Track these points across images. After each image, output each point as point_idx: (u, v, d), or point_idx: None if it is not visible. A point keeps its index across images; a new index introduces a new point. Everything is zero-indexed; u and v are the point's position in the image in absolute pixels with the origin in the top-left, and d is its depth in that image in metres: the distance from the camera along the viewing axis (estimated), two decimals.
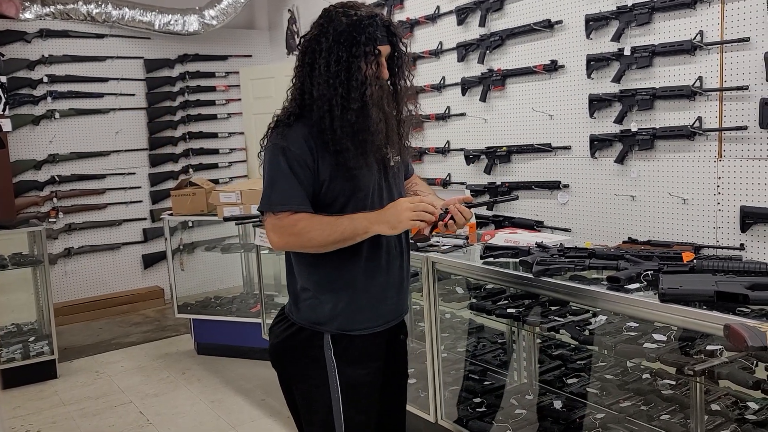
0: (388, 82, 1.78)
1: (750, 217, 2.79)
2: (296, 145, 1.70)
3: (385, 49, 1.73)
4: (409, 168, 2.10)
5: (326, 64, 1.67)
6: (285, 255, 1.91)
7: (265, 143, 1.78)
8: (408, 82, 1.83)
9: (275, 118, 1.78)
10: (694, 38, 2.92)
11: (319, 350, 1.81)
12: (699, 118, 2.95)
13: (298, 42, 1.80)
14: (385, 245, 1.83)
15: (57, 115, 5.65)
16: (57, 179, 5.67)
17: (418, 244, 2.59)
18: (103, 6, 5.53)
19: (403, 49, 1.79)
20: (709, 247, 2.94)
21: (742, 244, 2.84)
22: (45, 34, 5.59)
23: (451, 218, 1.80)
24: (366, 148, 1.71)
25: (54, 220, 5.67)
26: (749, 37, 2.73)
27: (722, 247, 2.89)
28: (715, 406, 2.33)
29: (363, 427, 1.87)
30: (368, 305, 1.83)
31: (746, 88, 2.76)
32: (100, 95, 5.85)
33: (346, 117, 1.67)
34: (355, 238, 1.71)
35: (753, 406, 2.30)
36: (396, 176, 1.90)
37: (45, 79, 5.60)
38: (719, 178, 2.92)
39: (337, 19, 1.69)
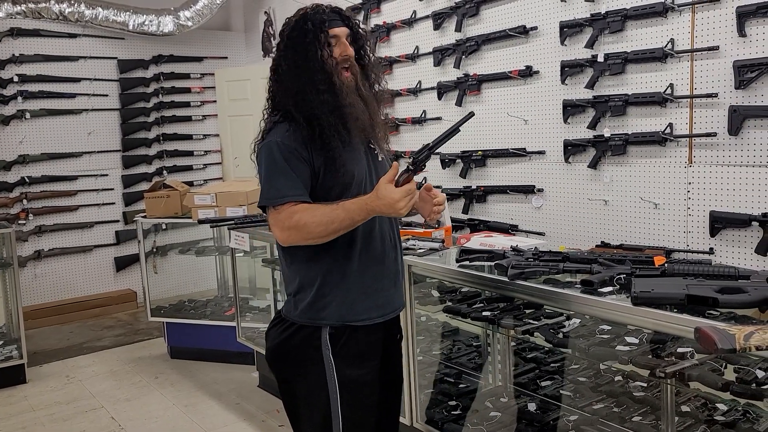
0: (358, 63, 1.85)
1: (719, 222, 2.85)
2: (288, 138, 1.75)
3: (341, 31, 1.81)
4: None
5: (286, 60, 1.79)
6: (280, 257, 1.93)
7: (258, 144, 1.83)
8: (373, 59, 1.90)
9: (265, 123, 1.84)
10: (666, 46, 2.97)
11: (317, 350, 1.82)
12: (670, 125, 3.00)
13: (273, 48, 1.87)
14: (379, 236, 1.86)
15: (28, 115, 5.56)
16: (27, 180, 5.57)
17: None
18: (75, 5, 5.45)
19: (361, 29, 1.87)
20: (679, 251, 3.00)
21: (711, 248, 2.89)
22: (16, 33, 5.50)
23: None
24: (347, 123, 1.76)
25: (24, 221, 5.57)
26: (719, 46, 2.79)
27: (692, 251, 2.95)
28: (685, 408, 2.37)
29: (362, 427, 1.88)
30: (364, 294, 1.85)
31: (716, 95, 2.81)
32: (72, 95, 5.77)
33: (319, 98, 1.74)
34: (354, 222, 1.72)
35: (722, 407, 2.33)
36: (383, 170, 1.91)
37: (15, 79, 5.51)
38: (689, 183, 2.97)
39: (290, 21, 1.82)
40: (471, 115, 1.86)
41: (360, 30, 1.87)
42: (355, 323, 1.84)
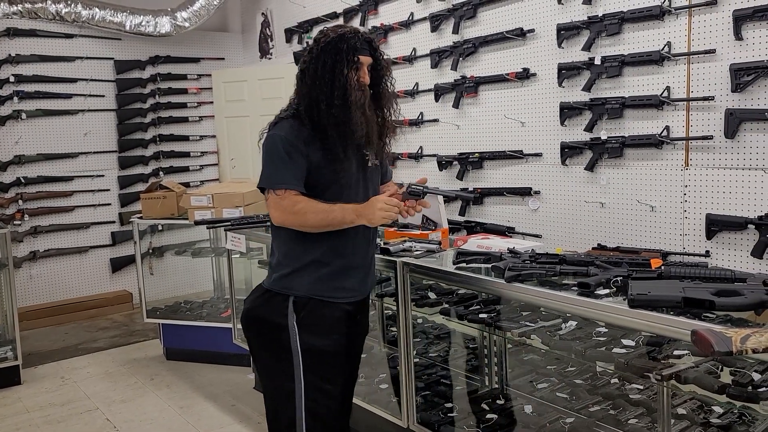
0: (371, 90, 2.08)
1: (715, 225, 2.85)
2: (291, 134, 1.99)
3: (366, 60, 2.04)
4: (387, 173, 2.37)
5: (314, 68, 1.99)
6: (271, 232, 2.18)
7: (264, 135, 2.06)
8: (389, 90, 2.14)
9: (275, 117, 2.07)
10: (662, 49, 2.98)
11: (284, 317, 2.04)
12: (667, 127, 3.01)
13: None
14: (353, 231, 2.07)
15: (24, 115, 5.54)
16: (23, 181, 5.55)
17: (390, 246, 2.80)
18: (72, 6, 5.45)
19: (384, 61, 2.12)
20: (675, 253, 3.00)
21: (707, 251, 2.90)
22: (12, 33, 5.48)
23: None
24: (346, 139, 2.00)
25: (19, 222, 5.55)
26: (715, 49, 2.80)
27: (689, 254, 2.95)
28: (681, 410, 2.38)
29: (324, 393, 2.06)
30: (333, 278, 2.08)
31: (712, 98, 2.82)
32: (68, 96, 5.76)
33: (330, 112, 1.96)
34: (342, 225, 2.00)
35: (718, 410, 2.34)
36: (373, 176, 2.19)
37: (11, 79, 5.49)
38: (686, 186, 2.98)
39: (326, 34, 2.03)
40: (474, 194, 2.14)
41: (383, 62, 2.11)
42: (321, 298, 2.06)
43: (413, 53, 4.41)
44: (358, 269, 2.15)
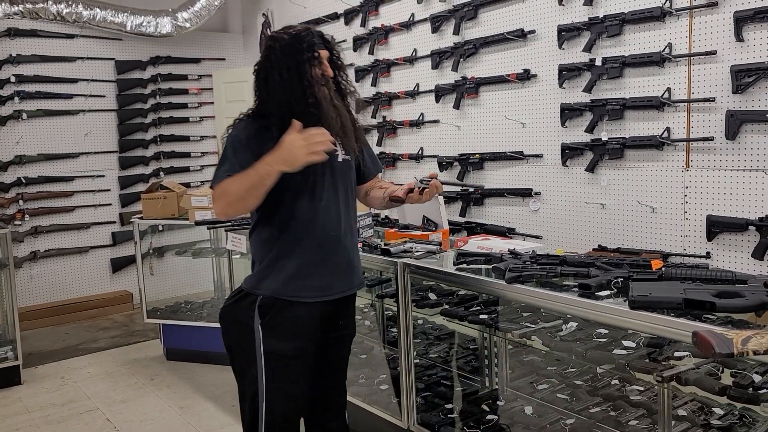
0: (333, 81, 2.07)
1: (716, 226, 2.85)
2: (244, 134, 2.01)
3: (324, 54, 2.03)
4: (370, 167, 2.31)
5: (279, 73, 1.97)
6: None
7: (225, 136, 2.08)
8: (348, 80, 2.14)
9: (234, 119, 2.10)
10: (663, 50, 2.98)
11: (251, 319, 2.03)
12: (667, 129, 3.01)
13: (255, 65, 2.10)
14: (321, 227, 2.03)
15: (24, 115, 5.54)
16: (23, 181, 5.55)
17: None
18: (73, 6, 5.45)
19: (338, 51, 2.11)
20: (676, 255, 3.00)
21: (708, 253, 2.90)
22: (13, 33, 5.49)
23: (424, 189, 2.17)
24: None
25: (20, 222, 5.56)
26: (716, 51, 2.80)
27: (689, 255, 2.95)
28: (681, 412, 2.38)
29: (288, 399, 2.04)
30: (300, 276, 2.02)
31: (713, 100, 2.82)
32: (69, 96, 5.76)
33: (306, 110, 1.94)
34: (264, 181, 1.87)
35: (718, 411, 2.34)
36: (344, 169, 2.12)
37: (12, 79, 5.50)
38: (686, 187, 2.98)
39: (280, 38, 2.02)
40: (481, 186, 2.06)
41: (337, 53, 2.10)
42: (287, 298, 2.01)
43: (414, 54, 4.41)
44: (329, 263, 2.06)
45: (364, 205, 2.41)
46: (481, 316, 2.59)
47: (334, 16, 5.19)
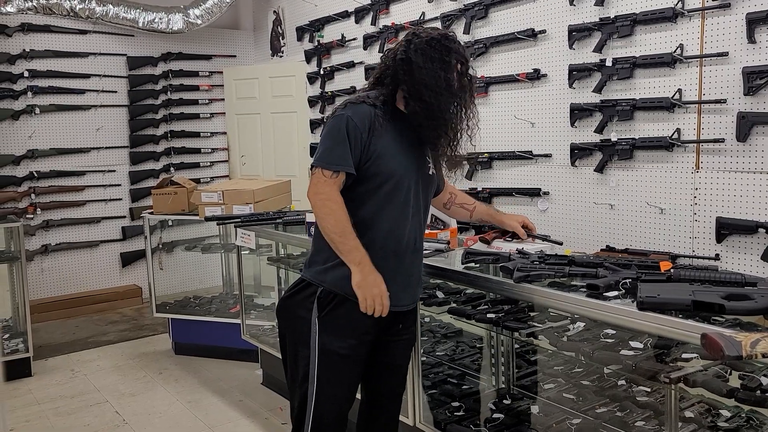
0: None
1: (725, 228, 2.85)
2: (358, 118, 1.97)
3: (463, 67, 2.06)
4: (439, 186, 2.39)
5: (423, 57, 1.97)
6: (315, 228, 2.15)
7: (333, 113, 2.04)
8: (473, 99, 2.14)
9: (345, 101, 2.05)
10: (675, 51, 2.97)
11: (309, 311, 2.02)
12: (678, 130, 3.00)
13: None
14: (395, 237, 2.04)
15: (37, 110, 5.58)
16: (35, 175, 5.60)
17: None
18: (86, 2, 5.48)
19: (472, 71, 2.11)
20: (685, 256, 3.00)
21: (717, 255, 2.89)
22: (26, 28, 5.53)
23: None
24: (437, 128, 2.05)
25: (32, 216, 5.60)
26: (728, 52, 2.79)
27: (698, 257, 2.95)
28: (689, 413, 2.37)
29: (334, 398, 2.04)
30: None
31: (724, 101, 2.81)
32: (81, 91, 5.80)
33: (451, 100, 2.01)
34: (342, 256, 1.97)
35: (725, 413, 2.34)
36: (429, 183, 2.18)
37: (26, 74, 5.54)
38: (696, 189, 2.97)
39: (429, 33, 2.02)
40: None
41: (470, 69, 2.10)
42: (349, 296, 1.99)
43: None
44: (399, 275, 2.07)
45: (447, 216, 2.61)
46: (489, 315, 2.59)
47: (345, 14, 5.20)
